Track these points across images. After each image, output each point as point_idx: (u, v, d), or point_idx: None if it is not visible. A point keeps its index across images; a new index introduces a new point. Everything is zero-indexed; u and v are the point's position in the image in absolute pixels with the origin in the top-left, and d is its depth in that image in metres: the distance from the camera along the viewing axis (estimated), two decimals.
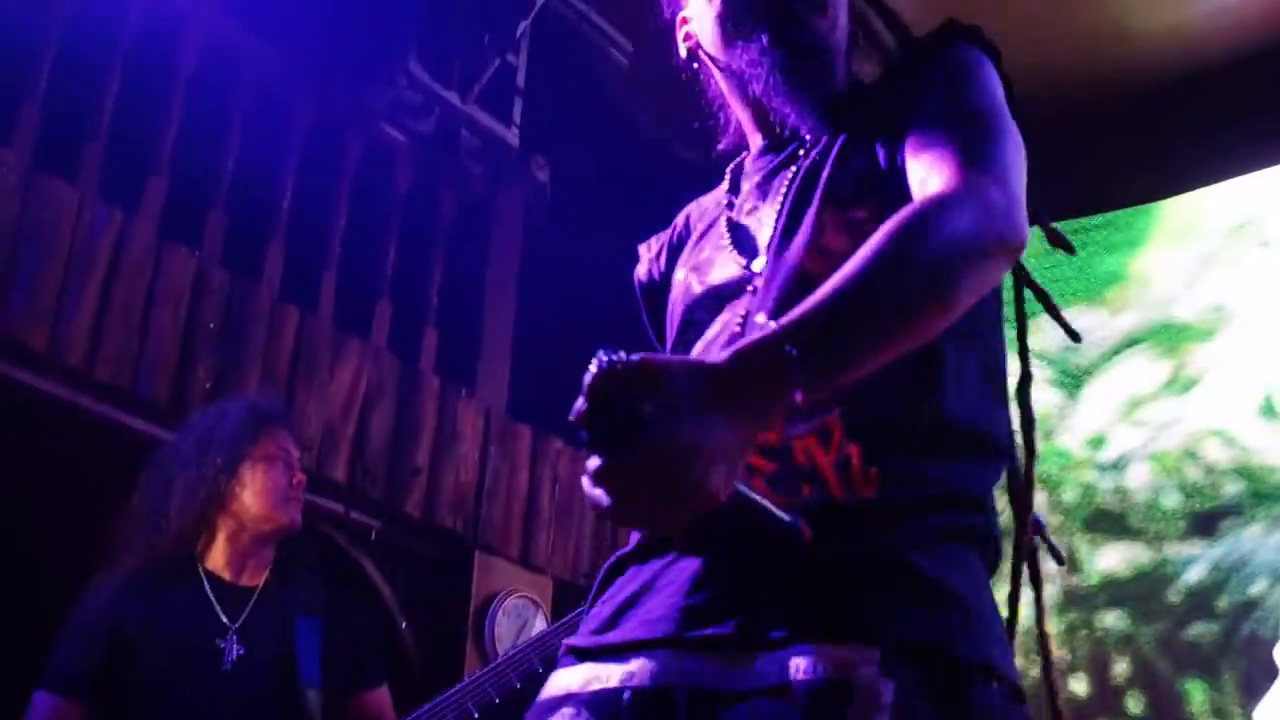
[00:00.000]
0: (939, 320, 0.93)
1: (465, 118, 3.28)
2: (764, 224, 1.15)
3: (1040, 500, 4.14)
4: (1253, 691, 3.77)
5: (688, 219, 1.33)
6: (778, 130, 1.21)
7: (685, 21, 1.31)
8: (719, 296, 1.14)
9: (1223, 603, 3.73)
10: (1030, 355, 1.22)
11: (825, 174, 1.11)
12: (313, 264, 3.13)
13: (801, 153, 1.17)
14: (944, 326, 0.94)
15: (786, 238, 1.10)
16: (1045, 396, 4.26)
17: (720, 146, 1.37)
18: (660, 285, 1.30)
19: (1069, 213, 4.45)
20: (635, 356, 0.80)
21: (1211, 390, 4.03)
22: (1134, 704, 3.77)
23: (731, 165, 1.30)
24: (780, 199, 1.14)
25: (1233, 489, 3.87)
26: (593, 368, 0.79)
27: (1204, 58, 4.19)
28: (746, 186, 1.23)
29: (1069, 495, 4.09)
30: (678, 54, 1.33)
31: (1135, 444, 4.04)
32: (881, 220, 0.95)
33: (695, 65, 1.31)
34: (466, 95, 3.28)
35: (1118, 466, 4.03)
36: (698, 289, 1.17)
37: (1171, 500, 3.94)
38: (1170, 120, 4.28)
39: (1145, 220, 4.42)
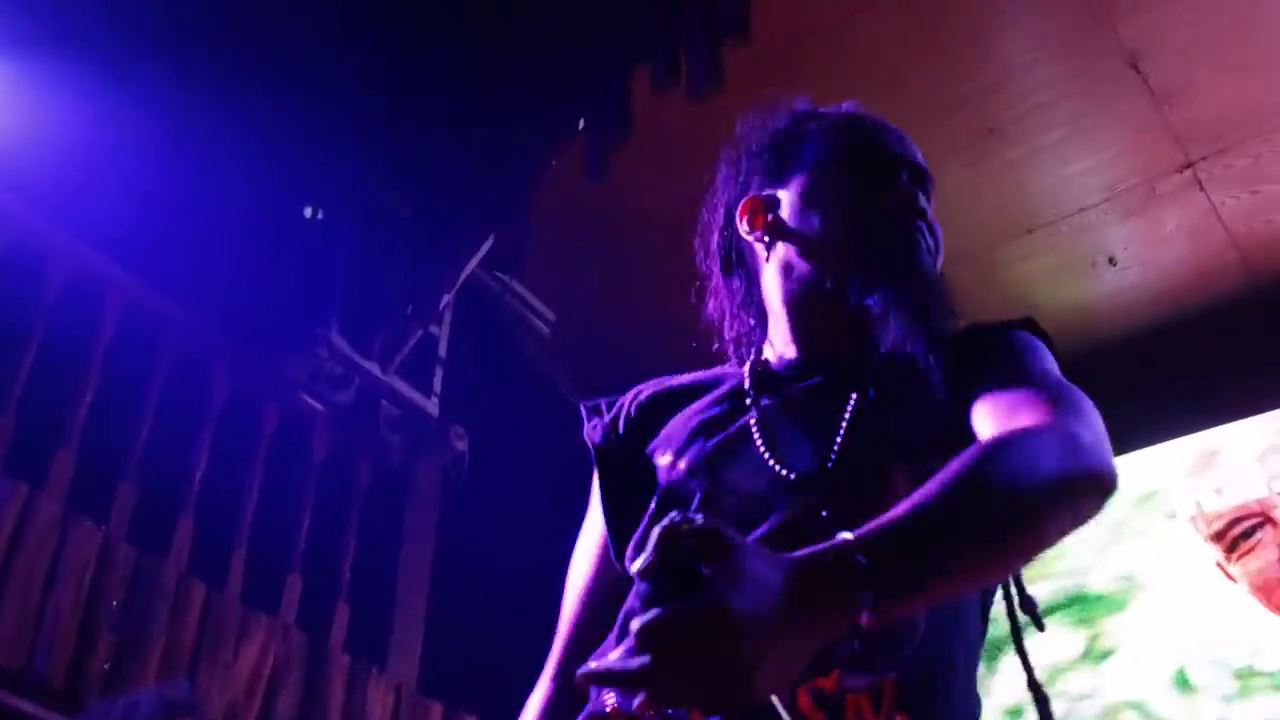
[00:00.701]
0: (1026, 552, 0.95)
1: (385, 388, 3.50)
2: (805, 439, 1.15)
3: None
4: None
5: (648, 397, 1.34)
6: (829, 350, 1.25)
7: (765, 201, 1.33)
8: (746, 503, 1.13)
9: None
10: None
11: (891, 418, 1.14)
12: (223, 537, 3.26)
13: (854, 394, 1.17)
14: (1029, 559, 0.96)
15: (834, 459, 1.12)
16: None
17: (715, 347, 1.40)
18: (622, 453, 1.30)
19: None
20: (709, 524, 0.82)
21: (1126, 661, 4.31)
22: None
23: (750, 365, 1.30)
24: (838, 423, 1.15)
25: None
26: (666, 522, 0.81)
27: (1107, 334, 4.68)
28: (771, 400, 1.23)
29: None
30: (723, 237, 1.38)
31: (1055, 715, 4.27)
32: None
33: (748, 256, 1.35)
34: (387, 365, 3.52)
35: None
36: (712, 491, 1.16)
37: None
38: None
39: None
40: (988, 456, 0.95)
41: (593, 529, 1.37)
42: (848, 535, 0.86)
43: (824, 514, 1.06)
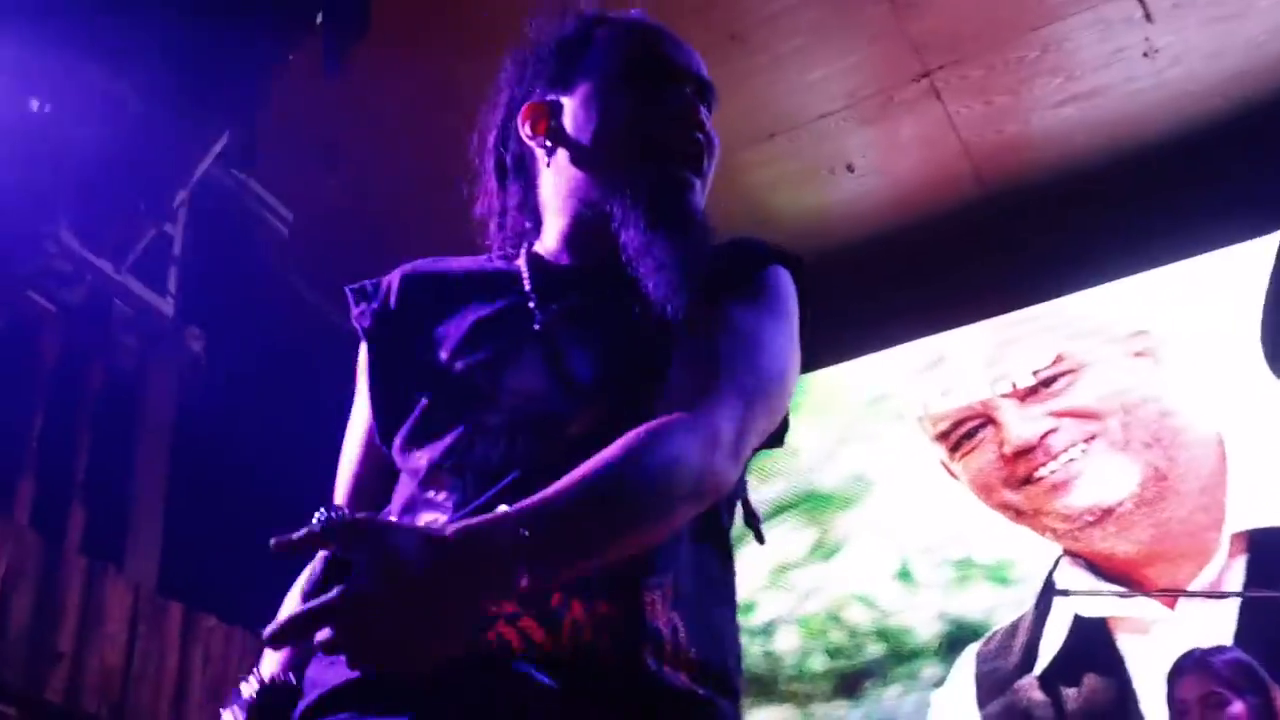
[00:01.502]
0: (653, 535, 1.16)
1: (118, 287, 3.75)
2: (593, 351, 1.30)
3: None
4: None
5: (418, 279, 1.46)
6: (591, 257, 1.37)
7: (547, 107, 1.45)
8: (531, 407, 1.26)
9: None
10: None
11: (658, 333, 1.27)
12: None
13: (627, 306, 1.30)
14: (656, 540, 1.17)
15: (623, 376, 1.27)
16: None
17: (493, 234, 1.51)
18: (390, 337, 1.41)
19: None
20: (359, 515, 1.00)
21: (853, 556, 4.95)
22: None
23: (525, 256, 1.42)
24: (619, 335, 1.29)
25: (874, 650, 4.75)
26: (315, 519, 0.99)
27: (843, 239, 5.17)
28: (553, 302, 1.35)
29: None
30: (503, 141, 1.49)
31: (783, 609, 4.90)
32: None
33: (528, 158, 1.46)
34: (120, 264, 3.76)
35: (767, 631, 4.87)
36: (491, 391, 1.28)
37: (818, 663, 4.79)
38: (814, 297, 5.25)
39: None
40: (634, 453, 1.13)
41: (360, 415, 1.48)
42: (507, 509, 1.04)
43: (608, 424, 1.20)
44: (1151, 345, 4.74)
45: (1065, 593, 4.14)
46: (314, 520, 0.99)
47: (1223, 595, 3.93)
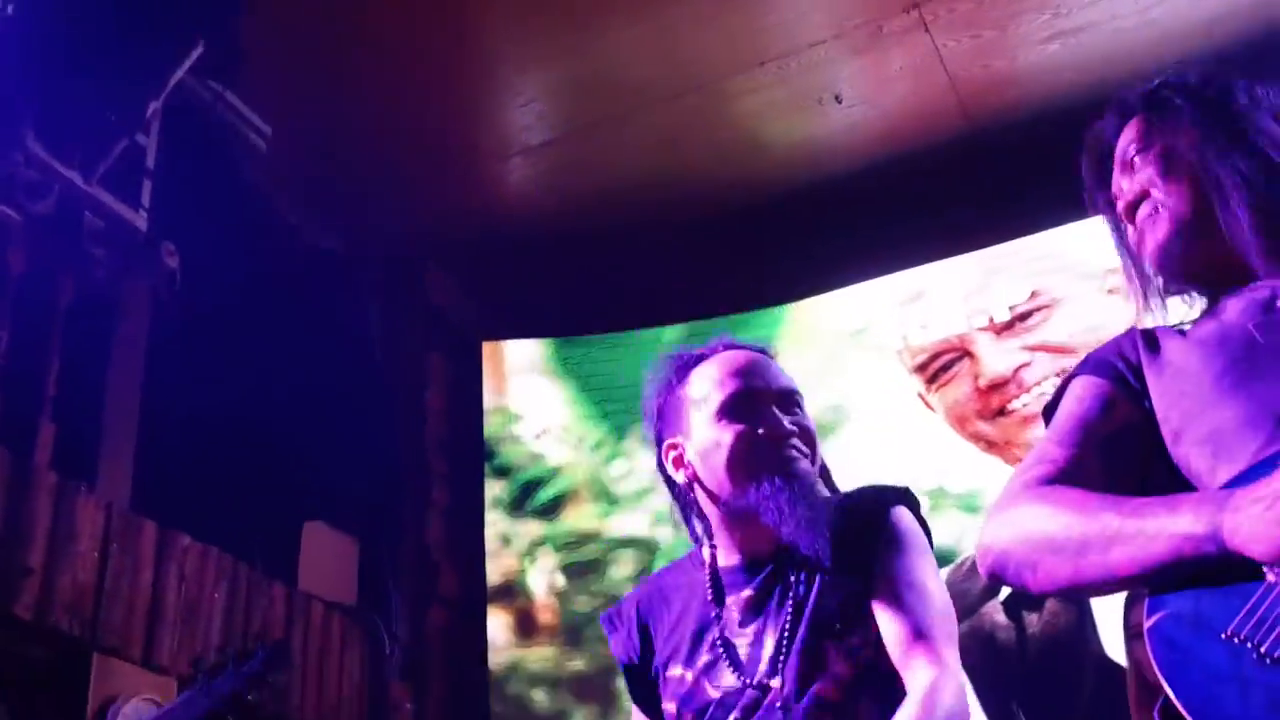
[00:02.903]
0: None
1: (88, 199, 3.51)
2: (764, 643, 1.62)
3: None
4: None
5: (644, 605, 1.80)
6: (755, 548, 1.69)
7: (677, 448, 1.79)
8: (726, 706, 1.60)
9: None
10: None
11: (813, 603, 1.61)
12: None
13: (792, 576, 1.65)
14: None
15: (786, 656, 1.59)
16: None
17: (706, 556, 1.79)
18: (642, 669, 1.76)
19: (699, 313, 5.20)
20: None
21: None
22: None
23: (707, 573, 1.74)
24: (782, 623, 1.62)
25: None
26: None
27: (830, 170, 5.04)
28: (732, 601, 1.69)
29: None
30: (665, 472, 1.81)
31: None
32: (868, 645, 1.54)
33: (683, 488, 1.79)
34: (90, 175, 3.52)
35: None
36: (712, 694, 1.63)
37: None
38: (796, 229, 5.10)
39: (774, 322, 5.21)
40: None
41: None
42: None
43: (779, 705, 1.56)
44: (1124, 282, 4.57)
45: None
46: None
47: None
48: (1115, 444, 1.27)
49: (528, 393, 5.49)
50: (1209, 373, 1.21)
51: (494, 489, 5.34)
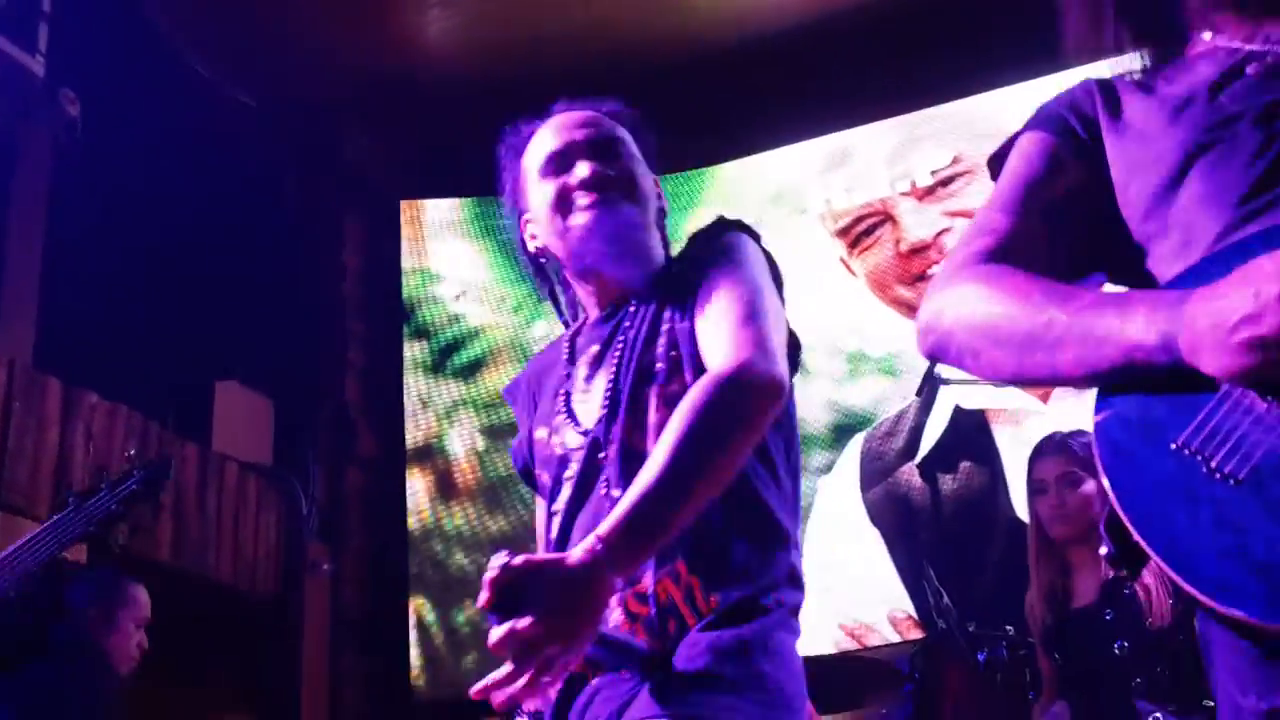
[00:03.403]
0: (727, 482, 1.44)
1: None
2: (594, 394, 1.63)
3: None
4: None
5: (534, 373, 1.80)
6: (610, 302, 1.69)
7: (529, 222, 1.78)
8: (565, 462, 1.62)
9: None
10: None
11: (639, 353, 1.60)
12: None
13: (628, 324, 1.64)
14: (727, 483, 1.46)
15: (614, 414, 1.58)
16: None
17: (574, 326, 1.81)
18: (529, 437, 1.75)
19: None
20: (520, 559, 1.31)
21: None
22: None
23: (569, 334, 1.76)
24: (611, 372, 1.61)
25: None
26: (496, 566, 1.30)
27: (754, 32, 4.97)
28: (582, 358, 1.69)
29: None
30: (526, 251, 1.80)
31: None
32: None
33: (541, 262, 1.80)
34: None
35: None
36: (557, 451, 1.64)
37: None
38: (722, 89, 5.04)
39: (697, 184, 5.18)
40: (698, 419, 1.42)
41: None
42: (596, 539, 1.34)
43: (602, 455, 1.57)
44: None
45: (947, 381, 4.08)
46: (492, 565, 1.31)
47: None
48: (1063, 210, 1.20)
49: (447, 253, 5.44)
50: (1171, 141, 1.14)
51: (413, 350, 5.32)
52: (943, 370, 4.48)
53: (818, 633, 4.44)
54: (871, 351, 4.86)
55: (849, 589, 4.56)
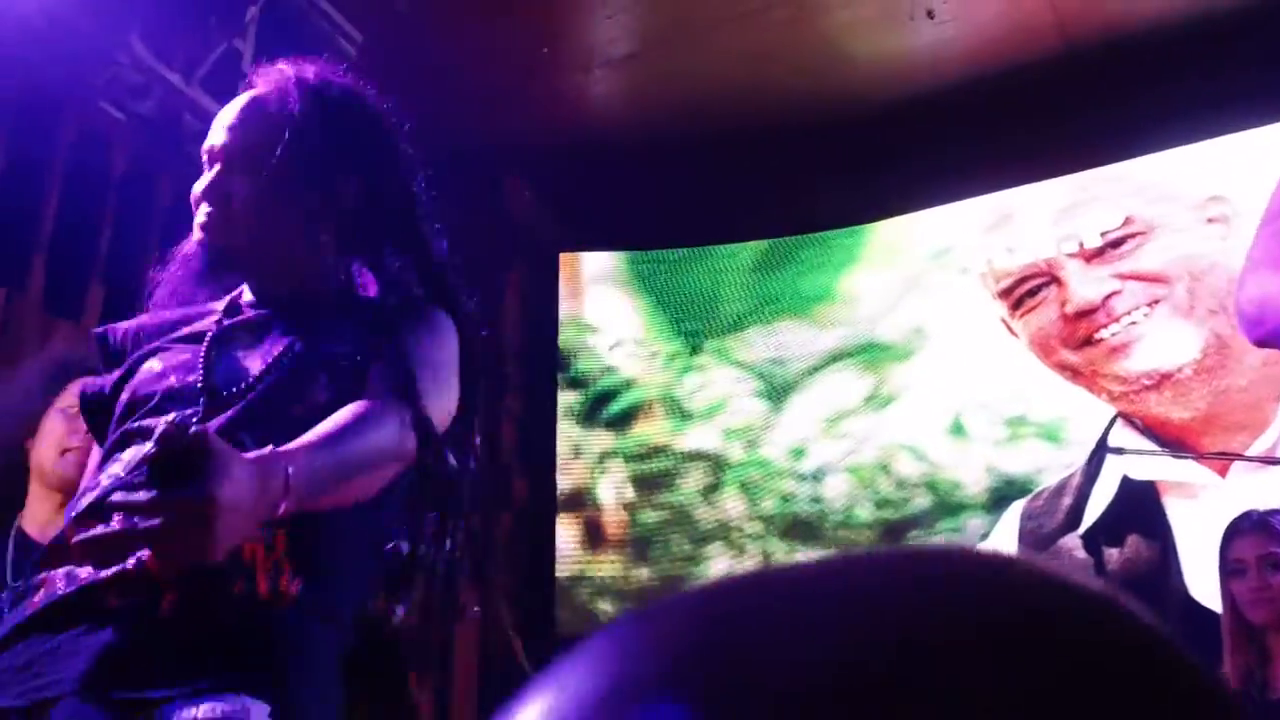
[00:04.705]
0: (368, 486, 1.50)
1: (188, 101, 3.80)
2: (251, 363, 1.63)
3: (740, 508, 5.04)
4: None
5: (143, 322, 1.79)
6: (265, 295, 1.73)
7: None
8: (171, 395, 1.60)
9: None
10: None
11: (301, 350, 1.62)
12: (22, 244, 3.60)
13: (294, 323, 1.66)
14: (368, 491, 1.50)
15: (262, 383, 1.60)
16: (750, 407, 5.18)
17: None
18: (117, 353, 1.76)
19: (782, 230, 5.40)
20: (200, 428, 1.24)
21: (907, 407, 5.02)
22: None
23: (232, 296, 1.77)
24: (271, 354, 1.63)
25: (920, 501, 4.86)
26: (166, 425, 1.23)
27: (919, 88, 5.15)
28: (240, 320, 1.70)
29: (768, 504, 5.00)
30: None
31: (833, 457, 5.01)
32: (339, 399, 1.52)
33: None
34: (190, 78, 3.81)
35: (816, 477, 4.98)
36: (171, 382, 1.62)
37: (865, 511, 4.91)
38: (882, 147, 5.23)
39: (854, 242, 5.39)
40: (362, 421, 1.46)
41: None
42: (275, 449, 1.32)
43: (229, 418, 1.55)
44: (1226, 212, 4.69)
45: (1119, 450, 4.15)
46: (166, 423, 1.22)
47: (1277, 461, 3.94)
48: None
49: (603, 305, 5.71)
50: None
51: (567, 399, 5.59)
52: (1114, 441, 4.57)
53: None
54: (1033, 416, 4.89)
55: None
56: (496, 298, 5.62)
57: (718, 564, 5.07)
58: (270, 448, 1.32)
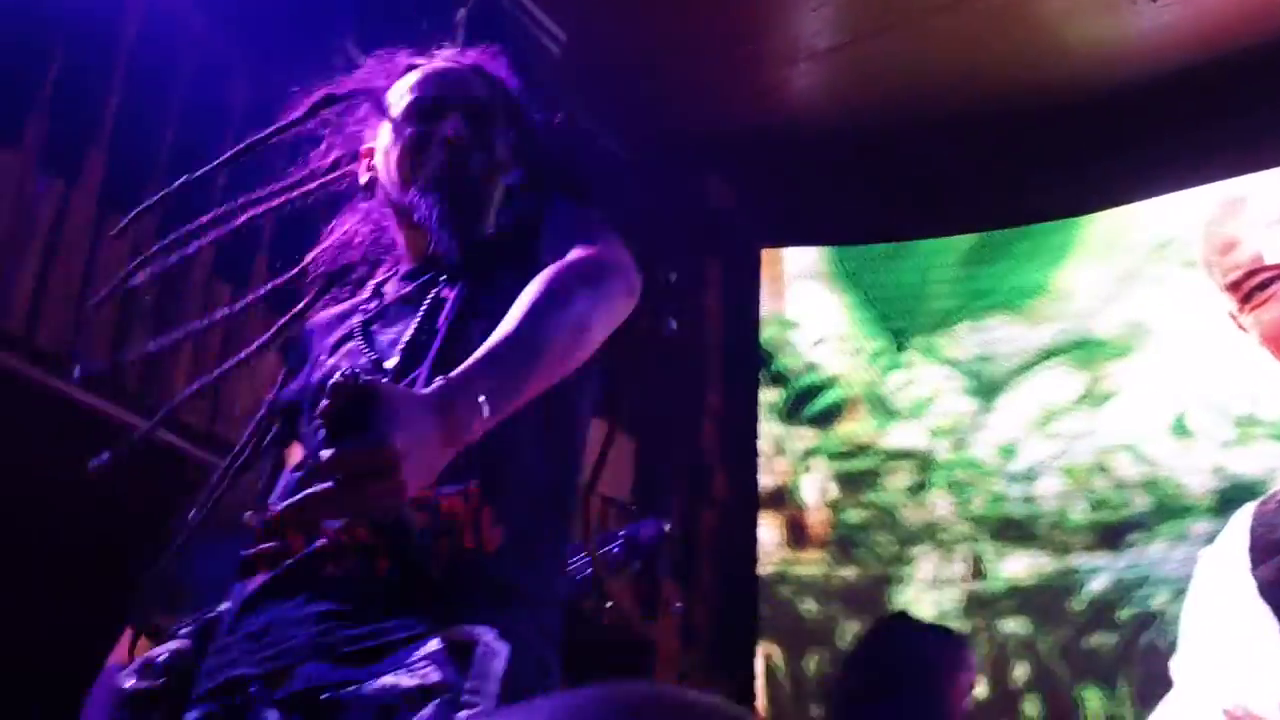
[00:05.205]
0: (581, 356, 1.50)
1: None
2: (402, 335, 1.67)
3: (948, 508, 5.00)
4: (1148, 701, 4.60)
5: (313, 324, 1.87)
6: (426, 258, 1.78)
7: (369, 154, 1.90)
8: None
9: (1123, 614, 4.60)
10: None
11: (452, 310, 1.65)
12: (245, 245, 3.81)
13: (444, 280, 1.71)
14: (586, 357, 1.51)
15: (416, 350, 1.63)
16: (958, 405, 5.12)
17: (384, 267, 1.89)
18: (303, 353, 1.82)
19: (992, 223, 5.33)
20: (369, 378, 1.23)
21: (1125, 406, 4.89)
22: (1031, 708, 4.63)
23: (376, 281, 1.84)
24: (416, 320, 1.67)
25: (1140, 503, 4.73)
26: (338, 376, 1.21)
27: (1138, 74, 5.02)
28: (389, 300, 1.77)
29: (977, 503, 4.95)
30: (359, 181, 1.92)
31: (1046, 455, 4.92)
32: None
33: (372, 193, 1.89)
34: None
35: (1028, 476, 4.90)
36: (342, 364, 1.64)
37: (1079, 512, 4.81)
38: (1099, 135, 5.12)
39: (1069, 234, 5.28)
40: (551, 286, 1.49)
41: None
42: (461, 370, 1.33)
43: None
44: None
45: None
46: (335, 378, 1.21)
47: None
48: None
49: (806, 300, 5.72)
50: None
51: (769, 396, 5.61)
52: None
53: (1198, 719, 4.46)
54: (1264, 415, 4.72)
55: (1234, 673, 4.53)
56: (697, 293, 5.69)
57: (925, 564, 5.04)
58: (441, 379, 1.31)
